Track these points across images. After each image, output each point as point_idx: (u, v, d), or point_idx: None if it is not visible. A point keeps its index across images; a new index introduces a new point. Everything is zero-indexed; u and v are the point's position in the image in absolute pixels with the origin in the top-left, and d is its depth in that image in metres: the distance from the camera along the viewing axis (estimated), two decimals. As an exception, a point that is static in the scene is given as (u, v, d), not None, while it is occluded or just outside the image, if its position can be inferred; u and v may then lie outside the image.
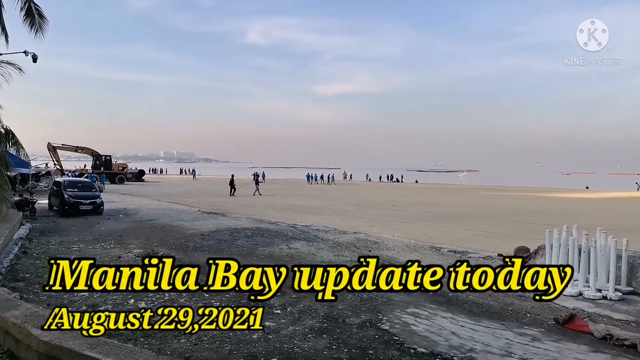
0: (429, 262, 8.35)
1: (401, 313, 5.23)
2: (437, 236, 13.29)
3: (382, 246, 9.82)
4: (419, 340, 4.39)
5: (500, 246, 10.89)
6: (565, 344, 4.39)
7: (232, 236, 10.79)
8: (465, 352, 4.12)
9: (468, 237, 13.46)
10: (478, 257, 8.92)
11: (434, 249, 9.70)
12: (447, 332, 4.62)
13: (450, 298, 6.03)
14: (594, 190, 52.39)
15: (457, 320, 5.05)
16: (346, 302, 5.66)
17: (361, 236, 11.04)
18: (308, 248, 9.43)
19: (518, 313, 5.47)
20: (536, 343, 4.39)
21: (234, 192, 30.97)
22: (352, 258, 8.52)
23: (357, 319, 5.01)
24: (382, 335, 4.50)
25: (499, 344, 4.33)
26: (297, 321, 4.90)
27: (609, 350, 4.30)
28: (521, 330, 4.79)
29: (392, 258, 8.67)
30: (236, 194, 30.15)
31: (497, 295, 6.31)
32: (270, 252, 8.98)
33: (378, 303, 5.64)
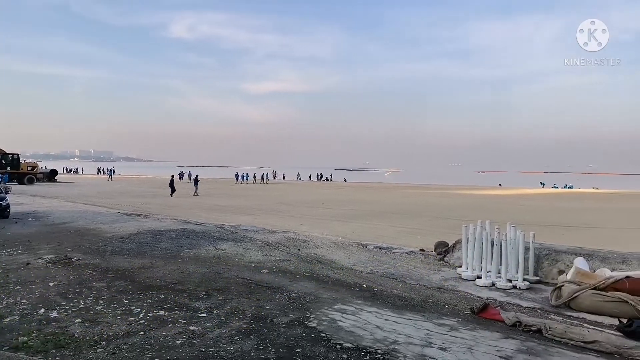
0: (356, 259, 8.56)
1: (328, 310, 5.30)
2: (364, 233, 13.63)
3: (310, 244, 9.89)
4: (345, 335, 4.47)
5: (422, 241, 11.39)
6: (480, 332, 4.67)
7: (155, 238, 10.33)
8: (389, 344, 4.26)
9: (393, 233, 13.94)
10: (402, 253, 9.26)
11: (360, 246, 9.93)
12: (372, 326, 4.74)
13: (375, 293, 6.20)
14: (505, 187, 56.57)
15: (382, 314, 5.21)
16: (274, 301, 5.63)
17: (290, 235, 11.05)
18: (236, 249, 9.27)
19: (437, 305, 5.74)
20: (454, 332, 4.63)
21: (173, 192, 30.05)
22: (281, 257, 8.51)
23: (285, 318, 4.99)
24: (310, 333, 4.53)
25: (420, 334, 4.52)
26: (224, 324, 4.80)
27: (518, 336, 4.64)
28: (440, 320, 5.03)
29: (321, 256, 8.76)
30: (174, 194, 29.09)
31: (419, 288, 6.60)
32: (196, 254, 8.71)
33: (306, 301, 5.67)
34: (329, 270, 7.59)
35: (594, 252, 7.30)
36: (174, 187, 30.29)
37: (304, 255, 8.75)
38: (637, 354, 4.10)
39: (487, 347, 4.25)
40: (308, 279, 6.91)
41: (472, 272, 7.25)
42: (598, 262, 6.84)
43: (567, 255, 7.17)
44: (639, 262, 6.63)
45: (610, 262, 6.78)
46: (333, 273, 7.36)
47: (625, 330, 4.63)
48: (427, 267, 8.14)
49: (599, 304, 5.44)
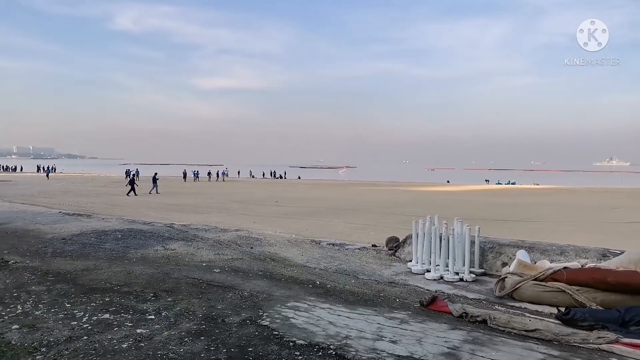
0: (310, 256, 8.57)
1: (282, 308, 5.27)
2: (318, 230, 13.70)
3: (264, 242, 9.81)
4: (298, 332, 4.46)
5: (374, 237, 11.60)
6: (429, 324, 4.80)
7: (100, 239, 9.91)
8: (341, 339, 4.29)
9: (346, 230, 14.10)
10: (354, 249, 9.37)
11: (314, 243, 9.96)
12: (325, 322, 4.76)
13: (328, 289, 6.24)
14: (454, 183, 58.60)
15: (335, 310, 5.24)
16: (226, 301, 5.54)
17: (243, 233, 10.91)
18: (186, 248, 9.04)
19: (389, 299, 5.85)
20: (404, 325, 4.73)
21: (132, 191, 29.23)
22: (233, 256, 8.38)
23: (237, 317, 4.92)
24: (262, 332, 4.48)
25: (372, 329, 4.59)
26: (173, 325, 4.66)
27: (465, 326, 4.80)
28: (391, 314, 5.13)
29: (274, 254, 8.71)
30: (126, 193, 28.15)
31: (371, 283, 6.70)
32: (143, 255, 8.42)
33: (259, 300, 5.61)
34: (283, 267, 7.56)
35: (535, 244, 7.68)
36: (134, 186, 29.51)
37: (257, 254, 8.67)
38: (573, 340, 4.34)
39: (436, 338, 4.37)
40: (261, 277, 6.85)
41: (422, 266, 7.44)
42: (538, 254, 7.20)
43: (510, 248, 7.51)
44: (576, 254, 7.04)
45: (550, 254, 7.16)
46: (286, 270, 7.34)
47: (563, 318, 4.90)
48: (379, 262, 8.28)
49: (539, 294, 5.73)
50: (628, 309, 4.95)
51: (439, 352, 4.02)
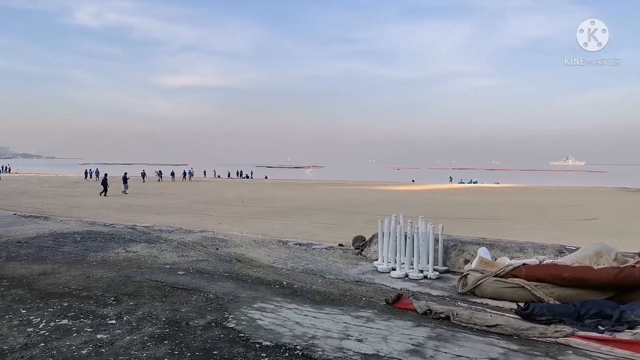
0: (276, 256, 8.53)
1: (248, 309, 5.22)
2: (285, 230, 13.66)
3: (230, 243, 9.69)
4: (265, 334, 4.43)
5: (341, 236, 11.66)
6: (394, 322, 4.87)
7: (57, 242, 9.53)
8: (308, 339, 4.29)
9: (313, 229, 14.13)
10: (321, 248, 9.39)
11: (281, 243, 9.92)
12: (291, 323, 4.75)
13: (295, 289, 6.22)
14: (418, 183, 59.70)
15: (302, 310, 5.24)
16: (191, 304, 5.44)
17: (208, 234, 10.74)
18: (149, 250, 8.82)
19: (355, 298, 5.89)
20: (370, 324, 4.78)
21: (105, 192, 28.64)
22: (198, 257, 8.24)
23: (202, 320, 4.84)
24: (228, 334, 4.43)
25: (338, 328, 4.61)
26: (135, 330, 4.54)
27: (429, 323, 4.89)
28: (358, 313, 5.17)
29: (240, 255, 8.62)
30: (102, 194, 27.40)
31: (338, 282, 6.73)
32: (104, 258, 8.16)
33: (225, 302, 5.54)
34: (249, 268, 7.49)
35: (495, 242, 7.91)
36: (107, 186, 28.99)
37: (223, 255, 8.56)
38: (532, 334, 4.50)
39: (401, 335, 4.43)
40: (227, 278, 6.77)
41: (388, 265, 7.53)
42: (499, 251, 7.43)
43: (472, 245, 7.71)
44: (534, 251, 7.30)
45: (509, 251, 7.40)
46: (253, 271, 7.28)
47: (523, 313, 5.07)
48: (345, 261, 8.33)
49: (500, 290, 5.90)
50: (583, 303, 5.17)
51: (404, 349, 4.08)
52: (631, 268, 5.51)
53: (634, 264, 5.59)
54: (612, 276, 5.45)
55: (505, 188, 48.47)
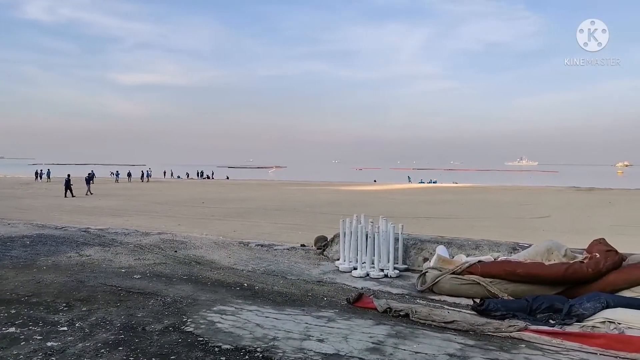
0: (237, 258, 8.42)
1: (207, 312, 5.12)
2: (246, 231, 13.52)
3: (189, 245, 9.49)
4: (224, 337, 4.36)
5: (303, 237, 11.65)
6: (355, 321, 4.90)
7: (5, 246, 9.05)
8: (269, 341, 4.25)
9: (274, 230, 14.04)
10: (283, 249, 9.35)
11: (242, 244, 9.80)
12: (252, 325, 4.70)
13: (256, 291, 6.16)
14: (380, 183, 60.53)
15: (262, 311, 5.19)
16: (147, 308, 5.28)
17: (166, 236, 10.48)
18: (103, 254, 8.51)
19: (317, 298, 5.89)
20: (331, 323, 4.79)
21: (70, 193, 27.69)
22: (156, 261, 8.02)
23: (159, 325, 4.71)
24: (186, 338, 4.33)
25: (299, 329, 4.60)
26: (88, 336, 4.36)
27: (389, 321, 4.95)
28: (319, 313, 5.17)
29: (200, 257, 8.45)
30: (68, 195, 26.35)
31: (299, 283, 6.71)
32: (55, 262, 7.81)
33: (183, 305, 5.41)
34: (209, 271, 7.35)
35: (453, 240, 8.11)
36: (70, 187, 28.15)
37: (182, 257, 8.36)
38: (487, 330, 4.63)
39: (361, 334, 4.47)
40: (185, 281, 6.62)
41: (349, 264, 7.58)
42: (456, 249, 7.62)
43: (431, 244, 7.88)
44: (489, 248, 7.53)
45: (466, 249, 7.60)
46: (213, 274, 7.15)
47: (478, 309, 5.22)
48: (307, 261, 8.32)
49: (457, 287, 6.05)
50: (535, 298, 5.37)
51: (364, 347, 4.11)
52: (580, 264, 5.78)
53: (582, 260, 5.86)
54: (561, 272, 5.69)
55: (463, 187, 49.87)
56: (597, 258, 5.74)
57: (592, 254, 5.92)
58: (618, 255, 5.82)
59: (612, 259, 5.72)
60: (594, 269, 5.64)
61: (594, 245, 6.20)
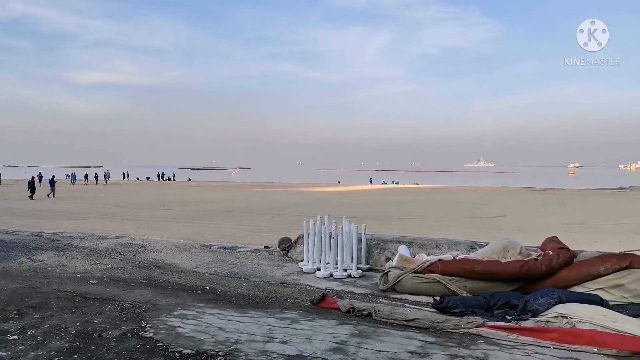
0: (199, 261, 8.27)
1: (167, 317, 5.00)
2: (209, 234, 13.31)
3: (148, 249, 9.23)
4: (185, 341, 4.26)
5: (267, 238, 11.59)
6: (319, 322, 4.90)
7: (-52, 253, 8.52)
8: (231, 344, 4.19)
9: (238, 232, 13.90)
10: (246, 251, 9.25)
11: (204, 247, 9.63)
12: (214, 329, 4.62)
13: (218, 294, 6.07)
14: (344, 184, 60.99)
15: (225, 315, 5.11)
16: (104, 314, 5.10)
17: (125, 240, 10.16)
18: (57, 259, 8.16)
19: (280, 299, 5.86)
20: (294, 325, 4.78)
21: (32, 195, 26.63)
22: (113, 265, 7.76)
23: (116, 331, 4.56)
24: (145, 344, 4.21)
25: (262, 331, 4.56)
26: (41, 345, 4.17)
27: (352, 321, 4.99)
28: (282, 315, 5.14)
29: (160, 260, 8.24)
30: None
31: (263, 285, 6.66)
32: (5, 268, 7.42)
33: (142, 310, 5.26)
34: (169, 274, 7.18)
35: (414, 239, 8.27)
36: (34, 189, 27.20)
37: (141, 261, 8.13)
38: (447, 326, 4.74)
39: (325, 335, 4.47)
40: (145, 286, 6.44)
41: (313, 265, 7.59)
42: (417, 248, 7.77)
43: (393, 243, 7.99)
44: (449, 247, 7.72)
45: (427, 248, 7.77)
46: (173, 277, 6.99)
47: (438, 307, 5.33)
48: (271, 263, 8.27)
49: (418, 286, 6.17)
50: (492, 294, 5.54)
51: (327, 348, 4.12)
52: (534, 261, 6.01)
53: (536, 257, 6.10)
54: (517, 269, 5.91)
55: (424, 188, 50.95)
56: (550, 255, 5.99)
57: (545, 252, 6.17)
58: (569, 253, 6.09)
59: (564, 256, 5.98)
60: (547, 266, 5.87)
61: (547, 243, 6.47)
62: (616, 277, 5.62)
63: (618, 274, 5.63)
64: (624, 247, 8.14)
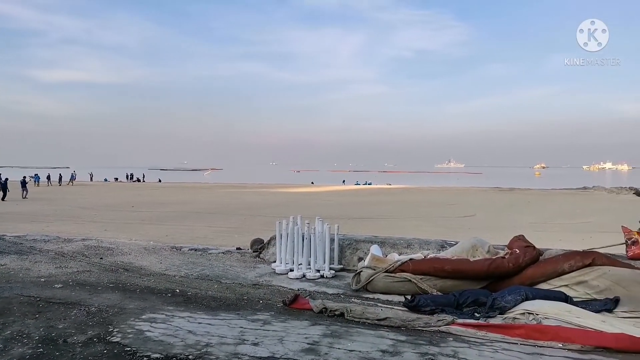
0: (169, 263, 8.12)
1: (135, 321, 4.88)
2: (179, 235, 13.10)
3: (116, 251, 9.01)
4: (154, 345, 4.17)
5: (239, 240, 11.48)
6: (291, 323, 4.89)
7: None
8: (202, 347, 4.13)
9: (209, 234, 13.71)
10: (218, 253, 9.14)
11: (174, 249, 9.47)
12: (184, 332, 4.54)
13: (189, 297, 5.97)
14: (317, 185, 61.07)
15: (195, 318, 5.03)
16: (69, 319, 4.95)
17: (91, 243, 9.88)
18: (20, 262, 7.86)
19: (252, 301, 5.81)
20: (266, 326, 4.74)
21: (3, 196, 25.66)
22: (79, 268, 7.53)
23: (82, 336, 4.42)
24: (113, 349, 4.10)
25: (234, 333, 4.51)
26: (2, 352, 4.01)
27: (324, 321, 4.99)
28: (254, 316, 5.10)
29: (128, 263, 8.05)
30: None
31: (235, 287, 6.59)
32: (-37, 273, 7.11)
33: (109, 315, 5.12)
34: (138, 278, 7.02)
35: (386, 239, 8.34)
36: (6, 190, 26.25)
37: (108, 264, 7.92)
38: (418, 325, 4.79)
39: (297, 335, 4.46)
40: (112, 289, 6.27)
41: (286, 266, 7.56)
42: (389, 248, 7.84)
43: (365, 243, 8.05)
44: (420, 246, 7.83)
45: (398, 247, 7.85)
46: (142, 280, 6.83)
47: (410, 305, 5.39)
48: (243, 265, 8.19)
49: (390, 285, 6.23)
50: (461, 292, 5.65)
51: (299, 349, 4.11)
52: (501, 259, 6.15)
53: (504, 256, 6.25)
54: (485, 267, 6.04)
55: (396, 189, 51.53)
56: (517, 253, 6.15)
57: (512, 250, 6.33)
58: (535, 251, 6.27)
59: (531, 254, 6.15)
60: (514, 264, 6.02)
61: (514, 242, 6.64)
62: (580, 274, 5.81)
63: (581, 271, 5.83)
64: (587, 245, 8.42)
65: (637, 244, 6.35)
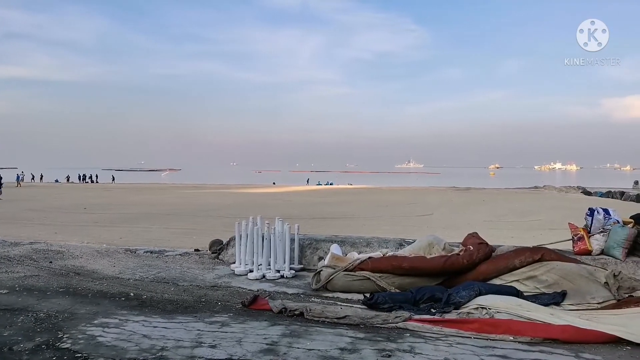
0: (123, 266, 7.86)
1: (87, 326, 4.70)
2: (134, 238, 12.71)
3: (67, 255, 8.63)
4: (106, 351, 4.03)
5: (197, 241, 11.26)
6: (250, 324, 4.84)
7: None
8: (157, 352, 4.02)
9: (166, 235, 13.39)
10: (175, 255, 8.93)
11: (129, 252, 9.17)
12: (138, 337, 4.40)
13: (144, 300, 5.80)
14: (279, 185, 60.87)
15: (150, 321, 4.90)
16: (16, 326, 4.70)
17: (40, 246, 9.43)
18: (-40, 268, 7.41)
19: (210, 303, 5.71)
20: (225, 328, 4.68)
21: None
22: (27, 273, 7.17)
23: (29, 343, 4.22)
24: (62, 355, 3.93)
25: (191, 336, 4.42)
26: (-62, 364, 3.76)
27: (284, 321, 4.97)
28: (212, 319, 5.02)
29: (79, 267, 7.73)
30: None
31: (192, 289, 6.45)
32: None
33: (59, 320, 4.91)
34: (90, 282, 6.75)
35: (346, 238, 8.40)
36: None
37: (58, 268, 7.58)
38: (376, 322, 4.86)
39: (256, 336, 4.42)
40: (62, 294, 6.01)
41: (245, 267, 7.47)
42: (349, 247, 7.90)
43: (326, 243, 8.07)
44: (379, 245, 7.93)
45: (358, 246, 7.92)
46: (94, 284, 6.58)
47: (368, 303, 5.45)
48: (201, 266, 8.04)
49: (349, 283, 6.27)
50: (418, 289, 5.76)
51: (258, 349, 4.08)
52: (456, 256, 6.32)
53: (459, 252, 6.42)
54: (440, 264, 6.19)
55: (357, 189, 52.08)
56: (471, 250, 6.34)
57: (466, 247, 6.51)
58: (488, 247, 6.48)
59: (484, 250, 6.35)
60: (468, 260, 6.21)
61: (468, 239, 6.84)
62: (530, 270, 6.06)
63: (531, 266, 6.08)
64: (537, 241, 8.79)
65: (582, 240, 6.67)
